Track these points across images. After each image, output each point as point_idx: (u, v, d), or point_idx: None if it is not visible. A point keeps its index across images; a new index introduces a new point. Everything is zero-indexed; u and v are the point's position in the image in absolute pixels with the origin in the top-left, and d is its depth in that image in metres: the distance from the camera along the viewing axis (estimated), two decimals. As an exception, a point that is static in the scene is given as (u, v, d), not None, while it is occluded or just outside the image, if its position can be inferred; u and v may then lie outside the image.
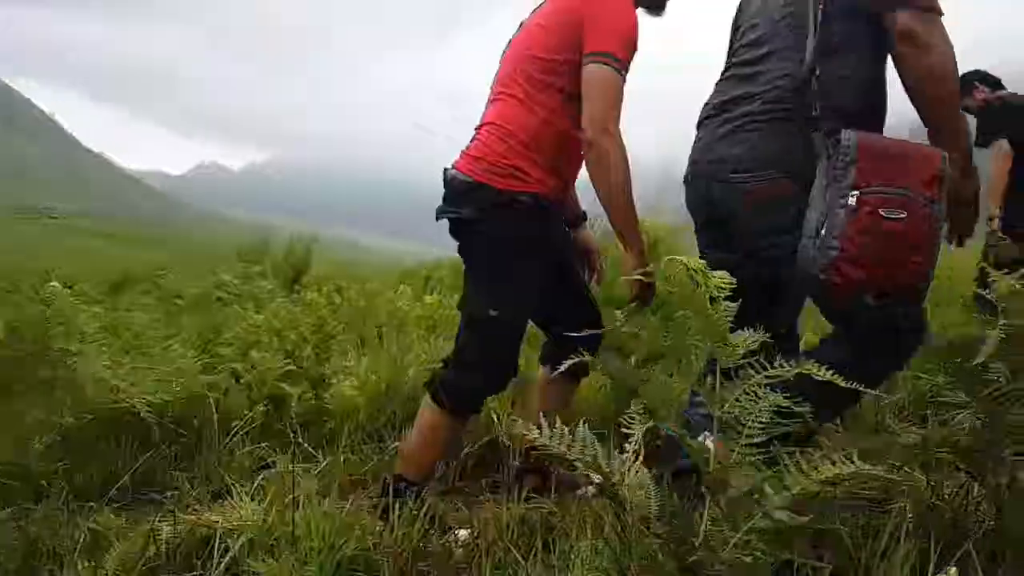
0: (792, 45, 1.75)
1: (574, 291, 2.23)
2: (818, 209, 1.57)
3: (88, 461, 2.15)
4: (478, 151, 2.04)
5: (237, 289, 5.55)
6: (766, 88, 1.76)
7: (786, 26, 1.79)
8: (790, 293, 1.91)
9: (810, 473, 0.91)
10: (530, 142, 1.98)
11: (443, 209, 2.09)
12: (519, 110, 2.01)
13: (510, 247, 2.00)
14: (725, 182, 1.80)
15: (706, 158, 1.88)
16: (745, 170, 1.75)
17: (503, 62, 2.16)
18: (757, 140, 1.75)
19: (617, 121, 1.90)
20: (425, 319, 4.45)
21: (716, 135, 1.85)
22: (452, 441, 2.16)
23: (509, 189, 1.97)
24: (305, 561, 1.54)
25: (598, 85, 1.89)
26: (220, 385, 2.62)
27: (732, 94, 1.86)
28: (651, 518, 0.87)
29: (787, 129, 1.71)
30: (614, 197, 1.92)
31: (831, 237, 1.50)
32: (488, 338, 1.98)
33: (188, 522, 1.70)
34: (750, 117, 1.76)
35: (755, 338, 1.08)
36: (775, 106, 1.74)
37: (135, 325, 3.67)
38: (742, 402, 1.01)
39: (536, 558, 1.63)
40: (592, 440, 0.94)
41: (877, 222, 1.48)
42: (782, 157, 1.71)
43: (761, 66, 1.81)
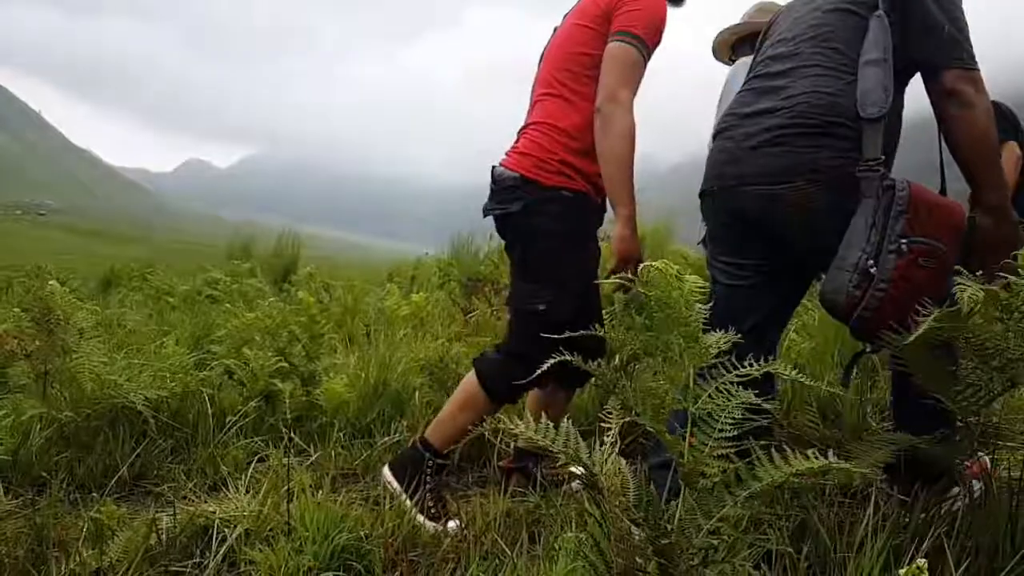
0: (821, 63, 1.77)
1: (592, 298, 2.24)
2: (859, 246, 1.61)
3: (87, 454, 2.20)
4: (525, 148, 2.09)
5: (227, 287, 5.58)
6: (792, 103, 1.76)
7: (816, 43, 1.81)
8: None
9: (781, 465, 0.98)
10: (576, 136, 2.03)
11: (490, 206, 2.14)
12: (564, 107, 2.07)
13: (557, 242, 2.03)
14: (761, 194, 1.80)
15: (733, 170, 1.87)
16: (780, 182, 1.75)
17: (542, 66, 2.21)
18: (787, 152, 1.75)
19: (628, 92, 1.96)
20: (412, 318, 4.51)
21: (742, 147, 1.85)
22: (481, 422, 2.17)
23: (556, 185, 2.02)
24: (300, 550, 1.59)
25: (614, 58, 1.96)
26: (214, 381, 2.67)
27: (757, 106, 1.85)
28: (628, 506, 0.93)
29: (812, 142, 1.72)
30: (613, 161, 1.95)
31: (881, 281, 1.56)
32: (536, 333, 1.89)
33: (187, 513, 1.75)
34: (781, 131, 1.76)
35: (728, 338, 1.14)
36: (801, 119, 1.74)
37: (128, 322, 3.71)
38: (715, 398, 1.08)
39: (522, 549, 1.69)
40: (575, 434, 1.01)
41: (917, 270, 1.55)
42: (811, 167, 1.72)
43: (786, 80, 1.82)
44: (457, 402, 2.13)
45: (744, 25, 2.94)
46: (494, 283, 5.61)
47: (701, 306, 1.05)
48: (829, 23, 1.81)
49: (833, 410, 3.05)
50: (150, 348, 3.01)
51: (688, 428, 1.03)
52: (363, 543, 1.72)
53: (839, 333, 3.63)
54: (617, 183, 1.97)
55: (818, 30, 1.82)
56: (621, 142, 1.94)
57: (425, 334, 4.15)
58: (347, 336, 4.13)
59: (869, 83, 1.68)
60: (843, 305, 1.64)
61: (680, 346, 1.10)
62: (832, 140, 1.70)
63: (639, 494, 0.92)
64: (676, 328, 1.05)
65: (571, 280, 2.03)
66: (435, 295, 5.56)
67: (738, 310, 1.94)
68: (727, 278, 1.99)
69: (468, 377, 2.13)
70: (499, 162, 2.15)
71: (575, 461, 0.94)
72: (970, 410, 1.58)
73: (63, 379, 2.30)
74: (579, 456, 0.93)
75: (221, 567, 1.59)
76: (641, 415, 1.03)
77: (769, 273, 1.94)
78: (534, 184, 2.03)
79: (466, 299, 5.40)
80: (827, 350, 3.62)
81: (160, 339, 3.28)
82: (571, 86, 2.07)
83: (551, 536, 1.75)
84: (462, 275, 6.00)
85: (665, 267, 1.03)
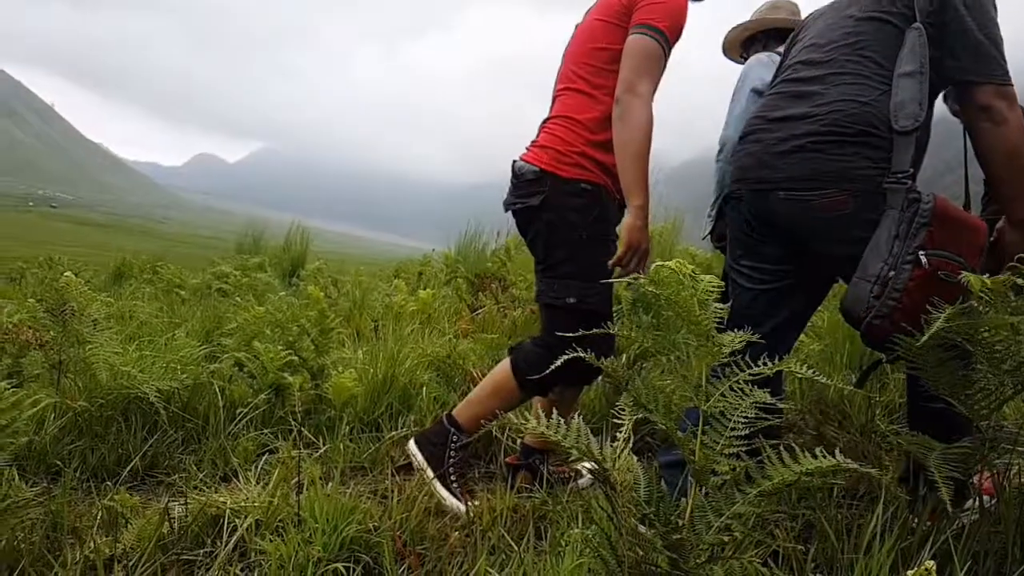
0: (856, 71, 1.77)
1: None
2: (881, 257, 1.62)
3: (100, 443, 2.22)
4: (545, 141, 2.11)
5: (237, 281, 5.61)
6: (826, 111, 1.77)
7: (851, 51, 1.81)
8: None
9: (791, 464, 0.99)
10: (596, 130, 2.04)
11: (510, 200, 2.15)
12: (583, 101, 2.08)
13: (579, 234, 2.04)
14: (791, 199, 1.80)
15: (762, 174, 1.87)
16: (811, 188, 1.76)
17: (564, 62, 2.22)
18: (819, 159, 1.75)
19: (647, 84, 1.96)
20: (419, 314, 4.53)
21: (772, 151, 1.85)
22: (509, 409, 2.18)
23: (575, 177, 2.03)
24: (309, 541, 1.61)
25: (633, 50, 1.96)
26: (224, 373, 2.69)
27: (789, 111, 1.85)
28: (639, 501, 0.94)
29: (846, 151, 1.72)
30: (629, 152, 1.95)
31: (894, 290, 1.58)
32: (569, 325, 1.82)
33: (198, 502, 1.77)
34: (813, 137, 1.76)
35: (742, 337, 1.15)
36: (835, 128, 1.74)
37: (140, 314, 3.74)
38: (727, 397, 1.08)
39: (528, 545, 1.70)
40: (586, 430, 1.02)
41: (934, 284, 1.56)
42: (843, 175, 1.72)
43: (819, 86, 1.82)
44: (489, 386, 2.16)
45: (756, 22, 2.93)
46: (501, 280, 5.62)
47: (717, 306, 1.06)
48: (864, 32, 1.81)
49: (840, 411, 3.05)
50: (161, 340, 3.03)
51: (700, 426, 1.04)
52: (371, 535, 1.74)
53: (848, 335, 3.63)
54: (631, 174, 1.97)
55: (853, 38, 1.82)
56: (638, 134, 1.95)
57: (432, 330, 4.17)
58: (355, 331, 4.15)
59: (904, 95, 1.69)
60: (860, 315, 1.65)
61: (691, 345, 1.11)
62: (865, 150, 1.70)
63: (650, 490, 0.92)
64: (688, 327, 1.05)
65: (597, 271, 2.02)
66: (442, 291, 5.57)
67: (758, 314, 1.96)
68: (748, 281, 2.00)
69: (503, 364, 2.15)
70: (519, 156, 2.16)
71: (587, 457, 0.95)
72: (981, 414, 1.58)
73: (77, 369, 2.32)
74: (591, 452, 0.94)
75: (232, 556, 1.61)
76: (653, 413, 1.04)
77: (791, 278, 1.95)
78: (553, 177, 2.04)
79: (473, 296, 5.41)
80: (836, 352, 3.63)
81: (171, 331, 3.30)
82: (592, 80, 2.08)
83: (557, 532, 1.76)
84: (469, 272, 6.00)
85: (679, 266, 1.04)
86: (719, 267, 3.84)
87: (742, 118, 2.61)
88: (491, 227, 6.97)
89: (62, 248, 13.95)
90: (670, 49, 2.02)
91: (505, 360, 2.16)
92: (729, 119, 2.67)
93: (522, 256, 6.07)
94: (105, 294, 3.72)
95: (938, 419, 1.74)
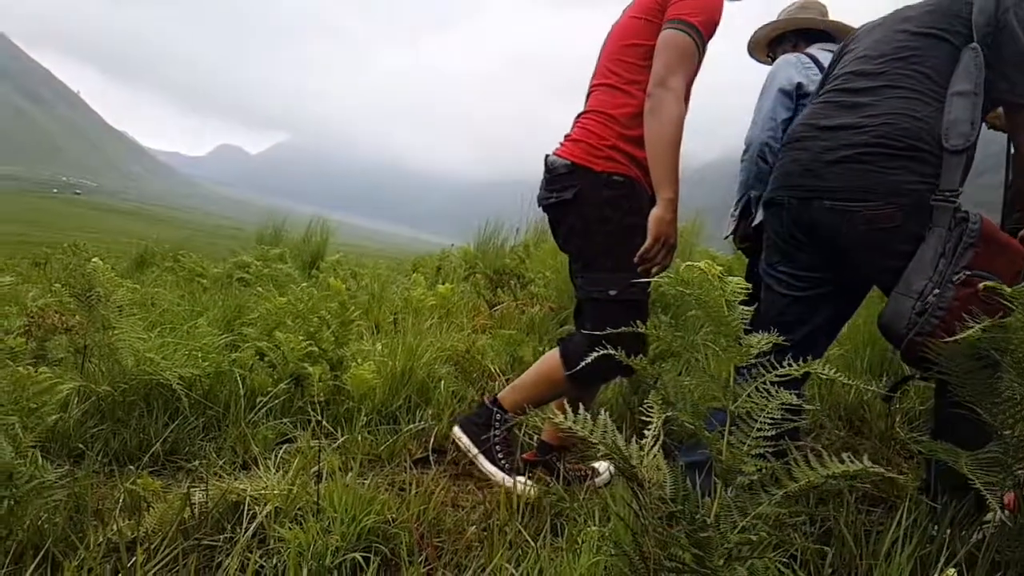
0: (909, 85, 1.77)
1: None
2: (926, 274, 1.63)
3: (123, 428, 2.24)
4: (578, 135, 2.12)
5: (258, 271, 5.65)
6: (876, 122, 1.76)
7: (905, 65, 1.80)
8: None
9: (817, 467, 0.98)
10: (629, 125, 2.04)
11: (543, 195, 2.16)
12: (617, 96, 2.08)
13: (613, 227, 2.04)
14: (837, 209, 1.80)
15: (808, 182, 1.87)
16: (859, 199, 1.76)
17: (600, 58, 2.23)
18: (869, 171, 1.75)
19: (679, 78, 1.96)
20: (438, 308, 4.54)
21: (819, 160, 1.84)
22: (553, 399, 2.21)
23: (607, 171, 2.03)
24: (328, 530, 1.62)
25: (666, 45, 1.96)
26: (245, 362, 2.71)
27: (837, 121, 1.85)
28: (666, 498, 0.94)
29: (896, 164, 1.72)
30: (660, 145, 1.95)
31: (938, 308, 1.59)
32: (614, 318, 1.88)
33: (219, 488, 1.78)
34: (864, 149, 1.76)
35: (769, 339, 1.14)
36: (884, 140, 1.74)
37: (162, 301, 3.78)
38: (754, 398, 1.08)
39: (545, 541, 1.70)
40: (613, 427, 1.02)
41: (976, 303, 1.57)
42: (893, 189, 1.72)
43: (870, 97, 1.82)
44: (537, 374, 2.16)
45: (786, 21, 2.91)
46: (519, 277, 5.63)
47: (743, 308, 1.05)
48: (919, 47, 1.80)
49: (860, 417, 3.03)
50: (183, 328, 3.06)
51: (727, 426, 1.03)
52: (389, 527, 1.75)
53: (868, 341, 3.61)
54: (662, 167, 1.96)
55: (907, 52, 1.82)
56: (669, 127, 1.94)
57: (450, 325, 4.18)
58: (374, 323, 4.17)
59: (957, 114, 1.69)
60: (900, 331, 1.64)
61: (711, 346, 1.11)
62: (915, 164, 1.70)
63: (676, 488, 0.92)
64: (717, 328, 1.05)
65: (631, 264, 2.02)
66: (460, 287, 5.58)
67: (791, 321, 1.96)
68: (784, 287, 2.00)
69: (552, 353, 2.16)
70: (552, 151, 2.17)
71: (614, 454, 0.95)
72: (1006, 423, 1.57)
73: (102, 354, 2.35)
74: (619, 449, 0.94)
75: (251, 543, 1.62)
76: (681, 412, 1.04)
77: (827, 286, 1.96)
78: (586, 170, 2.05)
79: (491, 292, 5.42)
80: (856, 357, 3.60)
81: (193, 319, 3.33)
82: (625, 76, 2.08)
83: (574, 530, 1.75)
84: (487, 268, 6.01)
85: (708, 267, 1.04)
86: (739, 269, 3.82)
87: (769, 118, 2.60)
88: (509, 224, 6.98)
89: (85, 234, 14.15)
90: (704, 44, 2.01)
91: (554, 350, 2.16)
92: (756, 119, 2.66)
93: (540, 253, 6.08)
94: (129, 281, 3.75)
95: (964, 426, 1.73)
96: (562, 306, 4.52)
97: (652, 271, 2.00)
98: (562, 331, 4.15)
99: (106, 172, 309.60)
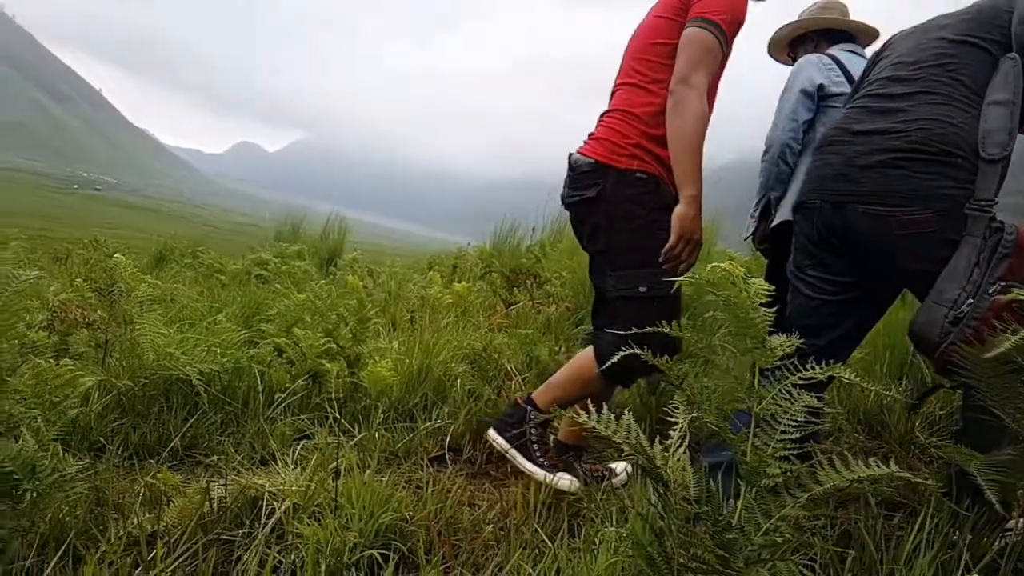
0: (945, 92, 1.76)
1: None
2: (959, 283, 1.62)
3: (142, 422, 2.26)
4: (602, 134, 2.12)
5: (276, 268, 5.68)
6: (911, 128, 1.76)
7: (942, 71, 1.80)
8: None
9: (842, 471, 0.97)
10: (652, 124, 2.04)
11: (567, 194, 2.16)
12: (640, 94, 2.08)
13: (639, 224, 2.04)
14: (872, 213, 1.79)
15: (842, 187, 1.86)
16: (893, 204, 1.75)
17: (624, 58, 2.23)
18: (905, 176, 1.74)
19: (701, 76, 1.95)
20: (455, 306, 4.54)
21: (853, 164, 1.84)
22: (585, 398, 2.18)
23: (631, 168, 2.03)
24: (346, 526, 1.62)
25: (688, 42, 1.96)
26: (264, 358, 2.72)
27: (871, 126, 1.85)
28: (691, 499, 0.94)
29: (931, 169, 1.71)
30: (681, 142, 1.94)
31: (973, 318, 1.57)
32: (646, 315, 1.85)
33: (238, 484, 1.79)
34: (898, 154, 1.75)
35: (791, 342, 1.13)
36: (919, 145, 1.73)
37: (181, 297, 3.81)
38: (778, 400, 1.07)
39: (563, 541, 1.70)
40: (636, 426, 1.01)
41: (1010, 314, 1.55)
42: (929, 194, 1.71)
43: (905, 103, 1.81)
44: (571, 372, 2.16)
45: (809, 21, 2.88)
46: (535, 276, 5.61)
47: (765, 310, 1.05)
48: (956, 54, 1.79)
49: (880, 421, 3.00)
50: (202, 324, 3.08)
51: (752, 428, 1.03)
52: (406, 524, 1.75)
53: (888, 345, 3.57)
54: (684, 163, 1.95)
55: (944, 59, 1.81)
56: (691, 124, 1.94)
57: (467, 323, 4.18)
58: (390, 321, 4.18)
59: (994, 124, 1.67)
60: (933, 339, 1.63)
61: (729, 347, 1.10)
62: (950, 169, 1.69)
63: (701, 488, 0.92)
64: (742, 330, 1.04)
65: (657, 260, 2.00)
66: (476, 285, 5.58)
67: (818, 325, 1.95)
68: (812, 291, 1.99)
69: (586, 351, 2.15)
70: (576, 149, 2.17)
71: (639, 453, 0.94)
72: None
73: (123, 348, 2.37)
74: (644, 449, 0.94)
75: (270, 538, 1.63)
76: (706, 413, 1.03)
77: (855, 291, 1.94)
78: (609, 168, 2.05)
79: (507, 291, 5.41)
80: (876, 361, 3.56)
81: (212, 316, 3.35)
82: (648, 75, 2.08)
83: (592, 530, 1.75)
84: (503, 267, 6.00)
85: (733, 268, 1.03)
86: (757, 271, 3.79)
87: (790, 118, 2.58)
88: (525, 223, 6.97)
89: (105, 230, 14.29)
90: (727, 42, 2.00)
91: (588, 348, 2.15)
92: (777, 119, 2.64)
93: (556, 253, 6.07)
94: (149, 277, 3.78)
95: (985, 431, 1.71)
96: (578, 306, 4.50)
97: (679, 269, 1.99)
98: (578, 331, 4.14)
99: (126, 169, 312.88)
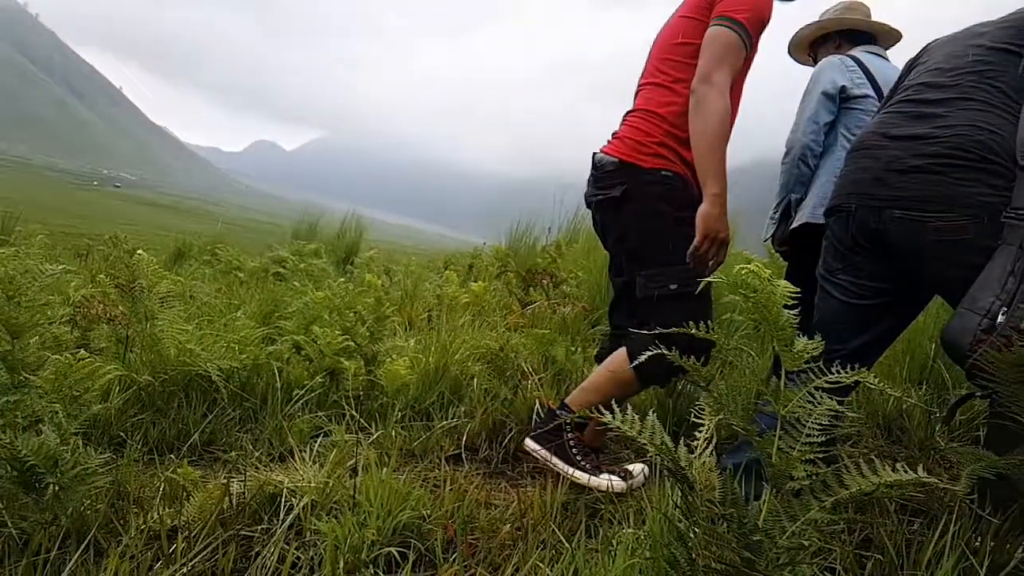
0: (983, 98, 1.76)
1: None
2: (993, 292, 1.60)
3: (162, 417, 2.28)
4: (625, 133, 2.12)
5: (294, 266, 5.71)
6: (949, 133, 1.75)
7: (980, 78, 1.79)
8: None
9: (869, 475, 0.96)
10: (675, 122, 2.04)
11: (591, 193, 2.16)
12: (664, 94, 2.08)
13: (664, 222, 2.03)
14: (907, 218, 1.78)
15: (877, 191, 1.85)
16: (930, 209, 1.74)
17: (649, 58, 2.23)
18: (942, 181, 1.73)
19: (723, 74, 1.94)
20: (471, 306, 4.54)
21: (890, 168, 1.83)
22: (621, 399, 2.15)
23: (655, 167, 2.03)
24: (364, 524, 1.62)
25: (710, 40, 1.96)
26: (282, 355, 2.73)
27: (908, 131, 1.84)
28: (716, 501, 0.93)
29: (969, 176, 1.70)
30: (704, 140, 1.94)
31: (1008, 326, 1.55)
32: (678, 313, 1.80)
33: (257, 480, 1.80)
34: (937, 159, 1.74)
35: (818, 345, 1.12)
36: (956, 151, 1.72)
37: (200, 294, 3.84)
38: (803, 403, 1.06)
39: (579, 542, 1.69)
40: (661, 427, 1.01)
41: None
42: (967, 201, 1.70)
43: (942, 109, 1.81)
44: (605, 374, 2.15)
45: (832, 21, 2.85)
46: (552, 276, 5.60)
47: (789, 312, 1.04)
48: (995, 61, 1.79)
49: (899, 426, 2.97)
50: (221, 320, 3.10)
51: (777, 431, 1.02)
52: (423, 523, 1.76)
53: (908, 349, 3.53)
54: (707, 161, 1.94)
55: (982, 66, 1.80)
56: (713, 121, 1.93)
57: (483, 323, 4.18)
58: (407, 320, 4.18)
59: None
60: (965, 347, 1.61)
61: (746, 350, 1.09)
62: (988, 176, 1.68)
63: (725, 490, 0.91)
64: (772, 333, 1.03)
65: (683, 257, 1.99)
66: (492, 285, 5.58)
67: (848, 329, 1.94)
68: (844, 295, 1.98)
69: (620, 352, 2.14)
70: (599, 149, 2.16)
71: (663, 454, 0.94)
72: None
73: (144, 344, 2.39)
74: (669, 450, 0.93)
75: (288, 535, 1.64)
76: (732, 415, 1.02)
77: (887, 296, 1.93)
78: (633, 167, 2.05)
79: (523, 291, 5.40)
80: (896, 365, 3.53)
81: (231, 312, 3.37)
82: (672, 74, 2.08)
83: (609, 531, 1.74)
84: (519, 266, 6.00)
85: (759, 269, 1.02)
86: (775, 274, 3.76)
87: (812, 121, 2.56)
88: (541, 223, 6.96)
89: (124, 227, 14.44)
90: (751, 41, 1.99)
91: (621, 349, 2.14)
92: (798, 121, 2.62)
93: (573, 253, 6.05)
94: (170, 273, 3.81)
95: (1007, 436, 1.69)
96: (595, 306, 4.49)
97: (708, 267, 1.98)
98: (595, 331, 4.13)
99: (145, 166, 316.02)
